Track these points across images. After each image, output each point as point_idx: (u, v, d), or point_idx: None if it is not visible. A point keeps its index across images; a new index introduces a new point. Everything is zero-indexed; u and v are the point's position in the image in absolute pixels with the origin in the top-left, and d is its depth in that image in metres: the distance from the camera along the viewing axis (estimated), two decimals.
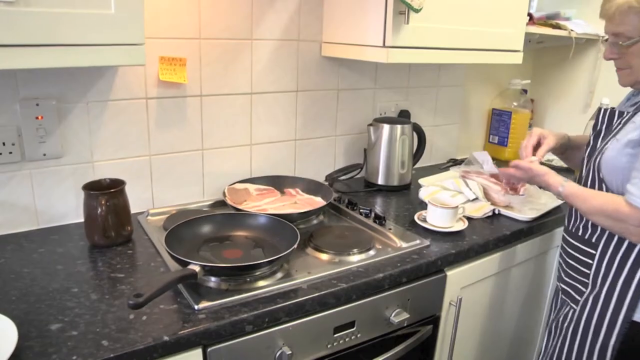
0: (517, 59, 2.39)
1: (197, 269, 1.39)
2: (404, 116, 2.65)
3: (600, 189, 1.63)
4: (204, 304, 1.38)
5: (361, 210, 2.06)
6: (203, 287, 1.47)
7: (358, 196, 2.32)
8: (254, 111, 2.21)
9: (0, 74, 1.66)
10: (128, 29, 1.43)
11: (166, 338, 1.25)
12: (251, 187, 2.13)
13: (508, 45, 2.32)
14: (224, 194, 2.04)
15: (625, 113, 1.62)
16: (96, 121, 1.86)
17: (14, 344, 1.15)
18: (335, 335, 1.56)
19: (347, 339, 1.59)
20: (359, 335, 1.62)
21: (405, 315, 1.69)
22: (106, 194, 1.67)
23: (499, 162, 2.80)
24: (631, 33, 1.54)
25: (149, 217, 1.98)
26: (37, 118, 1.73)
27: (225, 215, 1.79)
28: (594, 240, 1.67)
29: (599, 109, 1.74)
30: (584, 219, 1.71)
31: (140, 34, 1.45)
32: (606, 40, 1.66)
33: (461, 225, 1.96)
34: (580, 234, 1.73)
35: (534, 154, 1.90)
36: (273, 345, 1.45)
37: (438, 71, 2.81)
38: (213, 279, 1.49)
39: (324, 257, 1.70)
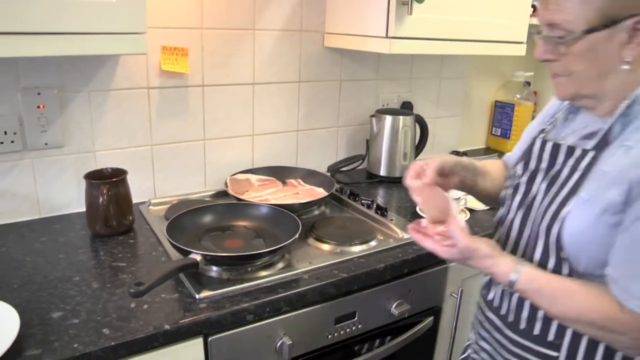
0: (521, 50, 2.38)
1: (198, 258, 1.40)
2: (406, 108, 2.65)
3: (558, 271, 1.18)
4: (205, 294, 1.39)
5: (363, 201, 2.07)
6: (204, 277, 1.47)
7: (360, 187, 2.32)
8: (256, 102, 2.21)
9: (1, 62, 1.66)
10: (130, 18, 1.43)
11: (167, 327, 1.26)
12: (253, 177, 2.14)
13: (511, 36, 2.32)
14: (225, 184, 2.04)
15: (580, 151, 1.17)
16: (98, 110, 1.86)
17: (16, 331, 1.15)
18: (336, 326, 1.57)
19: (348, 330, 1.60)
20: (359, 326, 1.63)
21: (406, 307, 1.70)
22: (108, 183, 1.68)
23: (501, 155, 2.79)
24: (571, 25, 1.08)
25: (150, 207, 1.99)
26: (38, 107, 1.74)
27: (227, 205, 1.80)
28: (553, 338, 1.22)
29: (533, 139, 1.30)
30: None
31: (142, 23, 1.45)
32: (539, 33, 1.18)
33: (463, 217, 1.96)
34: (525, 328, 1.26)
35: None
36: (274, 335, 1.45)
37: (441, 63, 2.80)
38: (214, 268, 1.49)
39: (326, 247, 1.70)
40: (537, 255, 1.21)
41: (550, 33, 1.12)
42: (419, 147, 2.54)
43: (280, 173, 2.23)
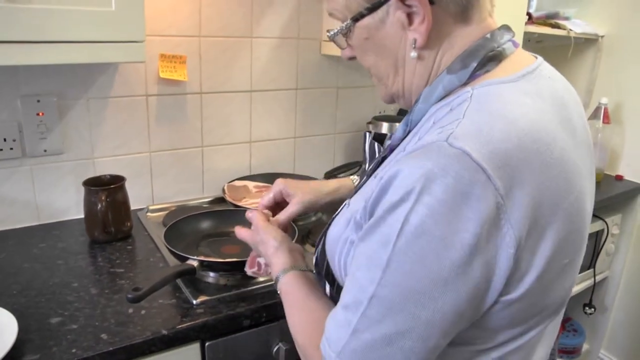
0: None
1: (195, 264, 1.40)
2: (403, 114, 2.65)
3: (331, 282, 1.07)
4: (202, 299, 1.39)
5: None
6: (202, 282, 1.48)
7: None
8: (254, 109, 2.21)
9: (1, 70, 1.67)
10: (128, 26, 1.44)
11: (164, 332, 1.27)
12: (250, 184, 2.14)
13: None
14: (223, 190, 2.05)
15: (381, 153, 1.08)
16: (97, 118, 1.87)
17: (14, 337, 1.16)
18: None
19: None
20: None
21: None
22: (106, 190, 1.68)
23: None
24: (342, 14, 0.98)
25: (148, 213, 1.99)
26: (38, 114, 1.74)
27: (225, 212, 1.80)
28: None
29: (364, 133, 1.23)
30: None
31: (141, 31, 1.46)
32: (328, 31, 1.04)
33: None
34: None
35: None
36: (270, 340, 1.45)
37: None
38: (211, 274, 1.50)
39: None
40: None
41: (335, 27, 1.00)
42: None
43: None
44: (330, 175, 2.40)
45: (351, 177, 1.47)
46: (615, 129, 2.76)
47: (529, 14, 2.49)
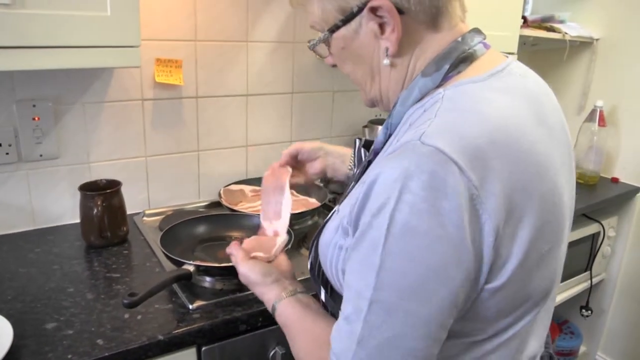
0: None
1: (191, 269, 1.40)
2: None
3: (325, 286, 1.11)
4: (199, 304, 1.39)
5: None
6: (198, 287, 1.48)
7: None
8: (250, 113, 2.22)
9: None
10: (124, 31, 1.44)
11: (160, 337, 1.26)
12: (246, 188, 2.13)
13: (502, 48, 2.31)
14: (219, 195, 2.04)
15: (367, 157, 1.08)
16: (92, 122, 1.87)
17: (9, 342, 1.16)
18: None
19: None
20: None
21: None
22: (102, 195, 1.68)
23: None
24: (320, 26, 1.03)
25: (144, 218, 1.99)
26: (33, 119, 1.74)
27: (221, 216, 1.80)
28: None
29: (355, 140, 1.25)
30: None
31: (136, 36, 1.46)
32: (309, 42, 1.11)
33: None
34: None
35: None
36: (267, 344, 1.45)
37: None
38: (208, 278, 1.49)
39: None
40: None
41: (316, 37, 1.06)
42: None
43: None
44: (327, 179, 2.39)
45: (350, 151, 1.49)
46: (610, 132, 2.77)
47: (524, 17, 2.50)
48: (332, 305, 1.10)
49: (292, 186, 1.45)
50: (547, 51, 2.95)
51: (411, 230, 0.77)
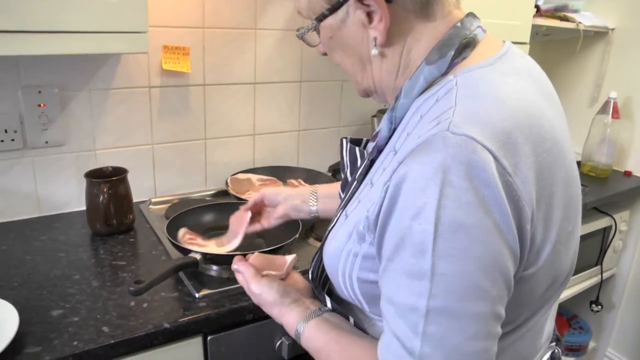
0: (524, 51, 2.38)
1: (198, 257, 1.40)
2: None
3: (329, 294, 1.10)
4: (205, 292, 1.40)
5: None
6: (204, 276, 1.49)
7: None
8: (258, 101, 2.22)
9: (2, 60, 1.68)
10: (131, 16, 1.44)
11: (166, 325, 1.27)
12: (254, 177, 2.14)
13: (514, 37, 2.32)
14: (226, 183, 2.05)
15: (366, 156, 1.05)
16: (98, 109, 1.87)
17: (15, 329, 1.16)
18: None
19: None
20: None
21: None
22: (108, 182, 1.69)
23: None
24: (307, 14, 1.03)
25: (151, 206, 2.00)
26: (39, 105, 1.75)
27: (228, 205, 1.79)
28: None
29: (341, 140, 1.17)
30: None
31: (144, 22, 1.46)
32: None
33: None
34: None
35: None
36: (273, 334, 1.46)
37: None
38: (214, 267, 1.50)
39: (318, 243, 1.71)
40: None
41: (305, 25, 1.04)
42: None
43: (281, 173, 2.23)
44: (335, 169, 2.40)
45: (310, 188, 1.53)
46: (624, 124, 2.75)
47: (537, 6, 2.49)
48: (336, 311, 1.07)
49: (251, 230, 1.52)
50: (559, 41, 2.94)
51: (460, 226, 0.74)
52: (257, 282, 1.15)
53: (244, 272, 1.18)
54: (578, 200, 0.95)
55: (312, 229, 1.80)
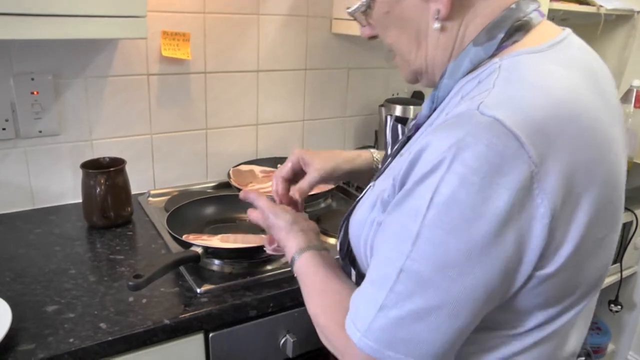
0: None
1: (199, 251, 1.40)
2: (417, 97, 2.64)
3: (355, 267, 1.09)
4: (207, 287, 1.40)
5: None
6: (206, 270, 1.48)
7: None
8: (261, 90, 2.21)
9: None
10: (130, 0, 1.43)
11: (167, 322, 1.27)
12: (257, 168, 2.14)
13: None
14: (228, 175, 2.05)
15: (407, 132, 1.09)
16: (95, 98, 1.87)
17: (8, 325, 1.16)
18: None
19: None
20: None
21: None
22: (105, 173, 1.68)
23: None
24: None
25: (150, 198, 2.00)
26: (32, 93, 1.74)
27: (230, 197, 1.80)
28: None
29: (386, 117, 1.21)
30: None
31: (142, 6, 1.46)
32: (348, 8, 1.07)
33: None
34: None
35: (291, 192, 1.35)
36: (277, 331, 1.46)
37: None
38: (216, 261, 1.50)
39: (332, 241, 1.70)
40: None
41: (354, 4, 1.03)
42: None
43: None
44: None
45: (371, 150, 1.48)
46: None
47: None
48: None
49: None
50: (578, 26, 2.87)
51: (456, 203, 0.75)
52: (271, 206, 1.24)
53: (257, 198, 1.27)
54: (618, 208, 0.92)
55: (317, 222, 1.77)
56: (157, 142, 2.04)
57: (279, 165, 1.42)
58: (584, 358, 1.10)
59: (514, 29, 0.90)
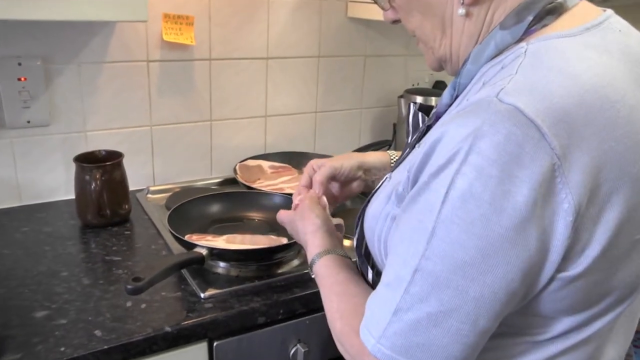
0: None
1: (204, 252, 1.39)
2: (439, 88, 2.62)
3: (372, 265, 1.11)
4: (211, 292, 1.39)
5: None
6: (210, 273, 1.48)
7: None
8: (270, 78, 2.20)
9: None
10: None
11: (168, 329, 1.26)
12: (265, 163, 2.13)
13: None
14: (234, 171, 2.04)
15: (426, 122, 1.10)
16: (89, 85, 1.85)
17: None
18: None
19: None
20: None
21: None
22: (101, 168, 1.67)
23: None
24: None
25: (149, 195, 1.99)
26: (19, 79, 1.73)
27: (236, 195, 1.80)
28: None
29: (409, 105, 1.22)
30: None
31: None
32: None
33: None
34: None
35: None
36: (287, 340, 1.45)
37: None
38: (222, 264, 1.49)
39: (347, 243, 1.66)
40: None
41: None
42: None
43: (296, 159, 2.21)
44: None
45: (388, 152, 1.50)
46: None
47: None
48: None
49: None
50: (622, 8, 2.83)
51: (473, 198, 0.74)
52: (315, 205, 1.30)
53: (304, 197, 1.34)
54: None
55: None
56: (158, 134, 2.03)
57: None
58: None
59: (545, 12, 0.89)
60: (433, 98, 2.30)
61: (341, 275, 1.10)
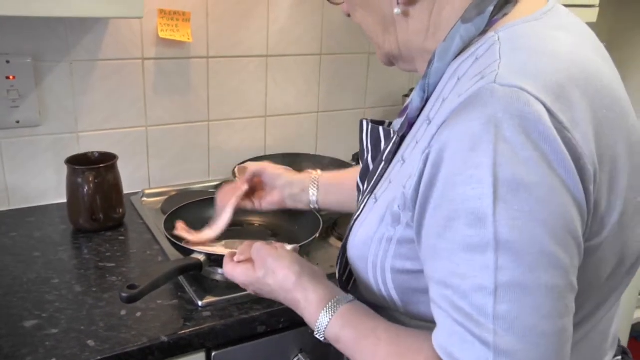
0: (591, 16, 2.32)
1: (202, 258, 1.38)
2: None
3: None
4: (209, 300, 1.39)
5: None
6: (208, 280, 1.47)
7: None
8: (270, 77, 2.20)
9: None
10: None
11: (164, 338, 1.26)
12: None
13: (581, 0, 2.26)
14: (233, 173, 2.01)
15: (392, 134, 1.06)
16: (82, 84, 1.86)
17: None
18: None
19: None
20: None
21: None
22: (94, 170, 1.68)
23: None
24: None
25: (144, 199, 2.00)
26: (7, 78, 1.73)
27: None
28: None
29: (361, 122, 1.17)
30: None
31: None
32: None
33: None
34: None
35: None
36: (289, 350, 1.45)
37: None
38: (220, 270, 1.45)
39: None
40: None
41: None
42: None
43: (297, 161, 2.19)
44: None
45: (313, 173, 1.54)
46: None
47: None
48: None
49: (242, 206, 1.55)
50: (636, 2, 2.85)
51: (522, 185, 0.73)
52: (274, 250, 1.16)
53: (256, 246, 1.19)
54: None
55: (334, 227, 1.80)
56: (153, 135, 2.03)
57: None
58: (620, 357, 1.10)
59: (504, 2, 0.93)
60: None
61: (370, 323, 0.97)
